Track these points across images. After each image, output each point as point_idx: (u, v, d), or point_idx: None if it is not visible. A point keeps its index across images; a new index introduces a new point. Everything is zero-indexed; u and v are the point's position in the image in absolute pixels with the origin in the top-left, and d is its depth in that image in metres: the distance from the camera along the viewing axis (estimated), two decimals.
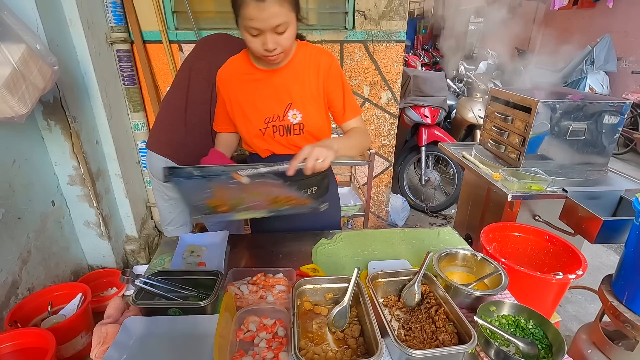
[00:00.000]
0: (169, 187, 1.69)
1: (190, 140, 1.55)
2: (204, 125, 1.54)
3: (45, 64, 1.44)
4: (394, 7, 2.28)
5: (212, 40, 1.63)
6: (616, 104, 1.69)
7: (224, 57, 1.55)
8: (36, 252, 1.72)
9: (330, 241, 1.29)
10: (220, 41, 1.62)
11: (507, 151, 1.87)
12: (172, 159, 1.56)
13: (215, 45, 1.60)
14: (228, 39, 1.64)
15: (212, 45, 1.60)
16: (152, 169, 1.65)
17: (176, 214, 1.80)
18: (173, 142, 1.56)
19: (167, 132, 1.59)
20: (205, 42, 1.64)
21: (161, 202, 1.77)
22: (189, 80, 1.55)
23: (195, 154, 1.56)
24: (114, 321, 0.87)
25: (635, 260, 1.12)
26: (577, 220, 1.52)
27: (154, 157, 1.59)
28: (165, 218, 1.82)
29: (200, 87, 1.54)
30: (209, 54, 1.57)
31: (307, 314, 0.93)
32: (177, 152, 1.56)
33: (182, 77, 1.58)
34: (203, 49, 1.61)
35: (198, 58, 1.59)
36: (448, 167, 3.42)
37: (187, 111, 1.54)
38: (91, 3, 1.89)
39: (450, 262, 1.11)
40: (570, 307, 2.18)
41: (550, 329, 0.87)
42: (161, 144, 1.59)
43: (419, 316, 0.91)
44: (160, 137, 1.60)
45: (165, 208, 1.78)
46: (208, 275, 0.99)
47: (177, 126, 1.56)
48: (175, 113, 1.57)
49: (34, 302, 1.65)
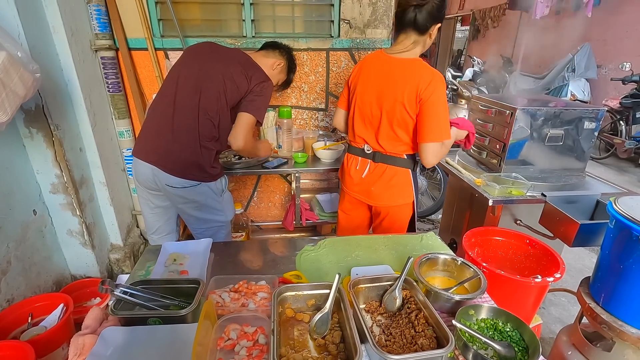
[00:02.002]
0: (155, 195, 1.68)
1: (177, 147, 1.54)
2: (191, 132, 1.54)
3: (27, 71, 1.42)
4: (378, 16, 2.32)
5: (199, 48, 1.65)
6: (592, 111, 1.74)
7: (211, 64, 1.57)
8: (16, 262, 1.68)
9: (314, 247, 1.30)
10: (206, 49, 1.64)
11: (489, 157, 1.91)
12: (158, 166, 1.55)
13: (202, 53, 1.62)
14: (214, 46, 1.66)
15: (199, 53, 1.62)
16: (138, 176, 1.63)
17: (162, 222, 1.78)
18: (159, 149, 1.55)
19: (153, 139, 1.58)
20: (192, 50, 1.65)
21: (147, 210, 1.75)
22: (177, 87, 1.56)
23: (182, 160, 1.56)
24: (92, 332, 0.86)
25: (611, 263, 1.15)
26: (556, 224, 1.56)
27: (140, 164, 1.58)
28: (151, 226, 1.80)
29: (187, 94, 1.54)
30: (196, 61, 1.58)
31: (289, 321, 0.94)
32: (164, 159, 1.55)
33: (169, 85, 1.59)
34: (190, 56, 1.62)
35: (185, 66, 1.59)
36: (435, 173, 3.47)
37: (174, 118, 1.54)
38: (75, 10, 1.88)
39: (431, 267, 1.13)
40: (553, 310, 2.22)
41: (526, 331, 0.89)
42: (147, 151, 1.58)
43: (400, 321, 0.92)
44: (146, 145, 1.59)
45: (151, 216, 1.76)
46: (189, 283, 0.98)
47: (163, 133, 1.55)
48: (162, 120, 1.56)
49: (14, 314, 1.61)
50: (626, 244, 1.07)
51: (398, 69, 1.44)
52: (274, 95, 2.50)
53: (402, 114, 1.45)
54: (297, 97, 2.51)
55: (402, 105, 1.43)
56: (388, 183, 1.57)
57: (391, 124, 1.48)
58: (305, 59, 2.41)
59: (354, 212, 1.77)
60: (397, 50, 1.47)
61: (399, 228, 1.66)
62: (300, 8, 2.40)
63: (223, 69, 1.56)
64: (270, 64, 1.74)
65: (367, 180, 1.61)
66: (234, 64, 1.58)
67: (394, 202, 1.61)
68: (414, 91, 1.39)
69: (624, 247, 1.08)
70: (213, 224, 1.74)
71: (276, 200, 2.84)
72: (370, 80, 1.52)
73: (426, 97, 1.38)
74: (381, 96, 1.48)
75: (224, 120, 1.59)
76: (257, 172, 2.17)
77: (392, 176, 1.56)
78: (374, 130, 1.55)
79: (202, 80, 1.54)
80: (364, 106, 1.55)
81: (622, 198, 1.13)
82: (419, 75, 1.39)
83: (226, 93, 1.55)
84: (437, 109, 1.39)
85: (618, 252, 1.11)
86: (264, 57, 1.75)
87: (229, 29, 2.36)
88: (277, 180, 2.77)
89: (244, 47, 2.32)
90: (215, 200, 1.69)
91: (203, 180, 1.61)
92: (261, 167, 2.09)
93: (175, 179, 1.55)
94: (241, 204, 2.20)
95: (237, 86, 1.56)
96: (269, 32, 2.41)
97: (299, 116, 2.57)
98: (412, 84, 1.39)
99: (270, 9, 2.37)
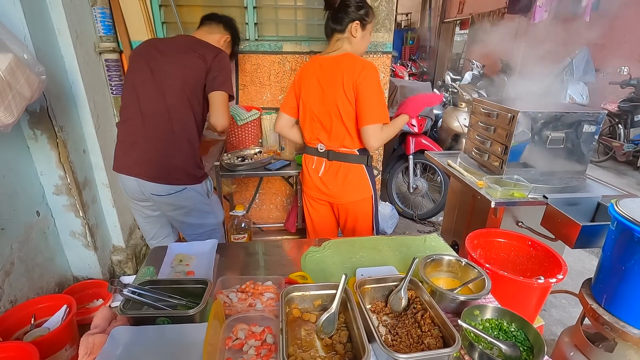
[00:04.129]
0: (146, 206, 1.67)
1: (156, 154, 1.52)
2: (167, 136, 1.51)
3: (33, 73, 1.43)
4: (380, 20, 2.35)
5: (143, 49, 1.58)
6: (592, 114, 1.76)
7: (162, 61, 1.51)
8: (20, 263, 1.68)
9: (319, 249, 1.31)
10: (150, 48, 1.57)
11: (491, 159, 1.93)
12: (142, 177, 1.53)
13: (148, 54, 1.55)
14: (155, 42, 1.61)
15: (145, 55, 1.55)
16: (125, 189, 1.62)
17: (157, 228, 1.79)
18: (140, 160, 1.53)
19: (130, 152, 1.55)
20: (137, 53, 1.58)
21: (140, 219, 1.76)
22: (137, 95, 1.51)
23: (164, 166, 1.52)
24: (101, 331, 0.87)
25: (612, 264, 1.16)
26: (558, 226, 1.57)
27: (124, 178, 1.57)
28: (148, 233, 1.81)
29: (151, 98, 1.50)
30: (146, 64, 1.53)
31: (295, 321, 0.94)
32: (146, 169, 1.52)
33: (129, 95, 1.54)
34: (138, 61, 1.55)
35: (138, 71, 1.54)
36: (435, 175, 3.48)
37: (146, 126, 1.51)
38: (80, 13, 1.90)
39: (435, 267, 1.14)
40: (554, 312, 2.23)
41: (531, 331, 0.90)
42: (127, 164, 1.55)
43: (406, 321, 0.93)
44: (125, 158, 1.56)
45: (145, 225, 1.78)
46: (197, 283, 0.99)
47: (139, 143, 1.52)
48: (134, 131, 1.53)
49: (17, 315, 1.61)
50: (627, 245, 1.08)
51: (332, 66, 1.55)
52: (276, 98, 2.52)
53: (346, 106, 1.54)
54: None
55: (344, 96, 1.52)
56: (344, 180, 1.65)
57: (341, 117, 1.56)
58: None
59: (317, 214, 1.82)
60: (328, 51, 1.61)
61: (363, 223, 1.73)
62: (302, 12, 2.42)
63: (175, 60, 1.51)
64: (216, 40, 1.68)
65: (323, 179, 1.69)
66: (183, 51, 1.53)
67: (352, 197, 1.68)
68: (349, 81, 1.50)
69: (626, 248, 1.09)
70: (206, 228, 1.73)
71: (278, 202, 2.85)
72: (311, 82, 1.61)
73: (359, 83, 1.49)
74: (324, 94, 1.57)
75: (198, 110, 1.56)
76: (259, 174, 2.18)
77: (346, 173, 1.64)
78: (324, 129, 1.63)
79: (161, 81, 1.50)
80: (312, 107, 1.63)
81: (624, 200, 1.14)
82: (351, 66, 1.50)
83: (189, 83, 1.51)
84: (370, 93, 1.49)
85: (619, 253, 1.12)
86: (208, 33, 1.68)
87: None
88: (279, 182, 2.78)
89: (246, 50, 2.34)
90: (204, 202, 1.68)
91: (189, 183, 1.59)
92: (263, 169, 2.10)
93: (160, 186, 1.54)
94: (243, 206, 2.21)
95: (196, 71, 1.52)
96: (272, 35, 2.43)
97: None
98: (347, 74, 1.50)
99: (273, 12, 2.39)
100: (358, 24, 1.54)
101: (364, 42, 1.61)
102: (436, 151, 2.93)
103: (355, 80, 1.49)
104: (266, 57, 2.38)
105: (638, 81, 4.77)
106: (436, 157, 2.28)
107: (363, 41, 1.60)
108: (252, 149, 2.27)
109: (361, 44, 1.60)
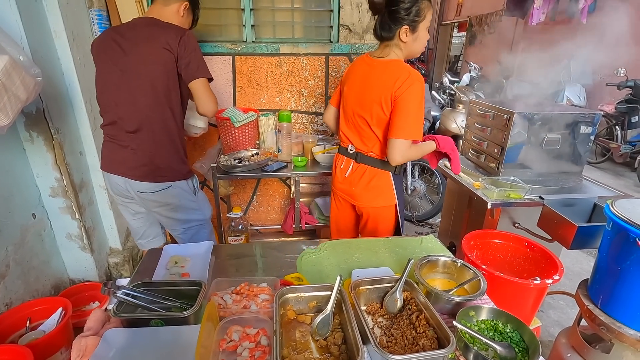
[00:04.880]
0: (133, 201, 1.65)
1: (141, 153, 1.51)
2: (148, 133, 1.50)
3: (29, 75, 1.43)
4: None
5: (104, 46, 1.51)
6: (588, 115, 1.77)
7: (127, 59, 1.45)
8: (15, 265, 1.67)
9: (315, 250, 1.31)
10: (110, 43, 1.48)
11: (487, 160, 1.93)
12: (128, 176, 1.53)
13: (110, 51, 1.48)
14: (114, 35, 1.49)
15: (108, 52, 1.48)
16: (111, 188, 1.62)
17: (146, 226, 1.78)
18: (126, 160, 1.53)
19: (116, 152, 1.54)
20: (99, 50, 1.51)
21: (129, 217, 1.74)
22: (110, 97, 1.50)
23: (149, 164, 1.52)
24: (94, 333, 0.86)
25: (609, 265, 1.16)
26: (554, 226, 1.57)
27: (111, 177, 1.57)
28: (137, 232, 1.80)
29: (125, 100, 1.48)
30: (112, 64, 1.48)
31: (290, 322, 0.94)
32: (132, 168, 1.53)
33: (102, 97, 1.53)
34: (103, 59, 1.50)
35: (105, 73, 1.49)
36: (433, 177, 3.49)
37: (126, 126, 1.50)
38: (77, 15, 1.89)
39: (431, 269, 1.14)
40: (552, 313, 2.22)
41: (526, 332, 0.90)
42: (114, 164, 1.55)
43: (401, 322, 0.93)
44: (111, 158, 1.56)
45: (134, 222, 1.76)
46: (191, 285, 0.99)
47: (123, 143, 1.52)
48: (116, 132, 1.52)
49: (12, 318, 1.60)
50: (623, 246, 1.08)
51: (377, 70, 1.49)
52: (273, 100, 2.52)
53: (378, 113, 1.48)
54: (296, 102, 2.53)
55: (379, 104, 1.46)
56: (368, 184, 1.61)
57: (370, 123, 1.52)
58: (305, 63, 2.43)
59: (341, 212, 1.80)
60: (377, 55, 1.53)
61: (383, 231, 1.68)
62: (300, 14, 2.43)
63: (140, 58, 1.44)
64: (174, 11, 1.55)
65: (349, 179, 1.66)
66: (146, 44, 1.45)
67: (375, 203, 1.63)
68: (390, 88, 1.42)
69: (621, 249, 1.09)
70: (192, 224, 1.72)
71: (275, 204, 2.85)
72: (354, 82, 1.57)
73: (400, 94, 1.41)
74: (362, 96, 1.52)
75: (175, 103, 1.53)
76: (256, 175, 2.18)
77: (371, 177, 1.60)
78: (356, 130, 1.60)
79: (131, 81, 1.45)
80: (348, 106, 1.60)
81: (619, 201, 1.15)
82: (396, 74, 1.42)
83: (160, 80, 1.45)
84: (408, 107, 1.41)
85: (615, 254, 1.12)
86: (165, 5, 1.54)
87: (229, 34, 2.38)
88: (277, 184, 2.78)
89: (243, 52, 2.35)
90: (190, 199, 1.68)
91: (174, 179, 1.59)
92: (261, 170, 2.10)
93: (146, 184, 1.54)
94: (240, 207, 2.20)
95: (164, 65, 1.45)
96: (269, 37, 2.43)
97: (298, 120, 2.59)
98: (389, 81, 1.43)
99: (270, 14, 2.39)
100: (407, 28, 1.41)
101: (418, 43, 1.48)
102: None
103: (397, 89, 1.41)
104: (263, 59, 2.39)
105: (635, 82, 4.79)
106: None
107: (416, 42, 1.47)
108: (249, 151, 2.27)
109: (414, 45, 1.48)
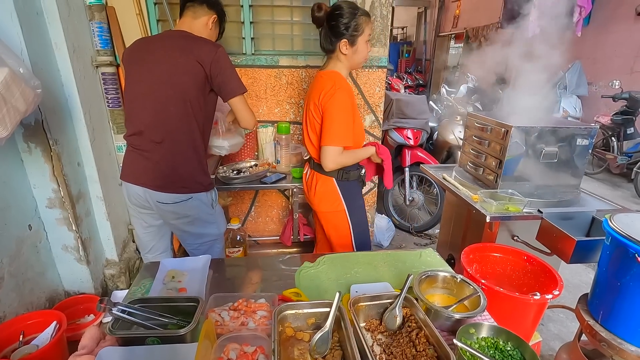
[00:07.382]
0: (147, 214, 1.65)
1: (165, 164, 1.52)
2: (174, 145, 1.51)
3: (28, 87, 1.43)
4: (375, 35, 2.38)
5: (135, 55, 1.54)
6: (585, 128, 1.78)
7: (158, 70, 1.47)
8: (10, 278, 1.65)
9: (314, 264, 1.30)
10: (142, 52, 1.52)
11: (485, 173, 1.93)
12: (149, 187, 1.53)
13: (142, 61, 1.51)
14: (146, 46, 1.54)
15: (139, 62, 1.52)
16: (130, 197, 1.61)
17: (156, 240, 1.76)
18: (148, 171, 1.53)
19: (139, 162, 1.54)
20: (130, 60, 1.54)
21: (140, 229, 1.73)
22: (139, 107, 1.51)
23: (172, 175, 1.52)
24: (89, 352, 0.84)
25: (608, 280, 1.16)
26: (553, 240, 1.57)
27: (130, 186, 1.57)
28: (145, 246, 1.78)
29: (155, 110, 1.49)
30: (143, 74, 1.50)
31: (289, 340, 0.93)
32: (154, 178, 1.52)
33: (131, 107, 1.54)
34: (134, 69, 1.52)
35: (135, 83, 1.52)
36: (431, 187, 3.49)
37: (153, 137, 1.50)
38: (77, 27, 1.91)
39: (430, 284, 1.13)
40: (552, 326, 2.21)
41: (527, 350, 0.89)
42: (135, 174, 1.55)
43: (400, 340, 0.92)
44: (133, 168, 1.56)
45: (144, 235, 1.74)
46: (188, 301, 0.97)
47: (147, 153, 1.52)
48: (141, 142, 1.52)
49: (5, 332, 1.57)
50: (622, 261, 1.08)
51: (316, 81, 1.65)
52: (272, 112, 2.53)
53: (312, 122, 1.63)
54: (295, 113, 2.54)
55: (312, 113, 1.61)
56: (316, 189, 1.73)
57: (313, 131, 1.65)
58: (304, 75, 2.45)
59: (316, 219, 1.90)
60: (322, 67, 1.69)
61: (338, 236, 1.77)
62: (299, 27, 2.46)
63: (171, 68, 1.46)
64: (204, 24, 1.59)
65: (307, 185, 1.81)
66: (177, 54, 1.46)
67: (323, 208, 1.74)
68: (317, 98, 1.56)
69: (621, 264, 1.09)
70: (207, 238, 1.72)
71: (274, 215, 2.84)
72: (308, 94, 1.72)
73: (324, 103, 1.54)
74: (309, 107, 1.66)
75: (200, 116, 1.53)
76: (255, 187, 2.18)
77: (317, 182, 1.72)
78: (308, 138, 1.72)
79: (161, 90, 1.47)
80: (305, 116, 1.73)
81: (618, 215, 1.14)
82: (323, 85, 1.56)
83: (189, 91, 1.47)
84: (332, 115, 1.52)
85: (615, 269, 1.12)
86: (194, 19, 1.57)
87: (229, 46, 2.40)
88: (275, 195, 2.77)
89: (243, 64, 2.36)
90: (208, 213, 1.67)
91: (195, 191, 1.58)
92: (259, 182, 2.10)
93: (166, 195, 1.53)
94: (239, 219, 2.19)
95: (195, 77, 1.46)
96: (269, 50, 2.45)
97: (297, 132, 2.59)
98: (318, 92, 1.57)
99: (269, 27, 2.42)
100: (346, 42, 1.54)
101: (358, 55, 1.60)
102: (432, 164, 2.94)
103: (322, 99, 1.54)
104: (262, 70, 2.41)
105: (630, 94, 4.85)
106: (431, 170, 2.29)
107: (357, 55, 1.59)
108: (247, 162, 2.27)
109: (354, 57, 1.60)
